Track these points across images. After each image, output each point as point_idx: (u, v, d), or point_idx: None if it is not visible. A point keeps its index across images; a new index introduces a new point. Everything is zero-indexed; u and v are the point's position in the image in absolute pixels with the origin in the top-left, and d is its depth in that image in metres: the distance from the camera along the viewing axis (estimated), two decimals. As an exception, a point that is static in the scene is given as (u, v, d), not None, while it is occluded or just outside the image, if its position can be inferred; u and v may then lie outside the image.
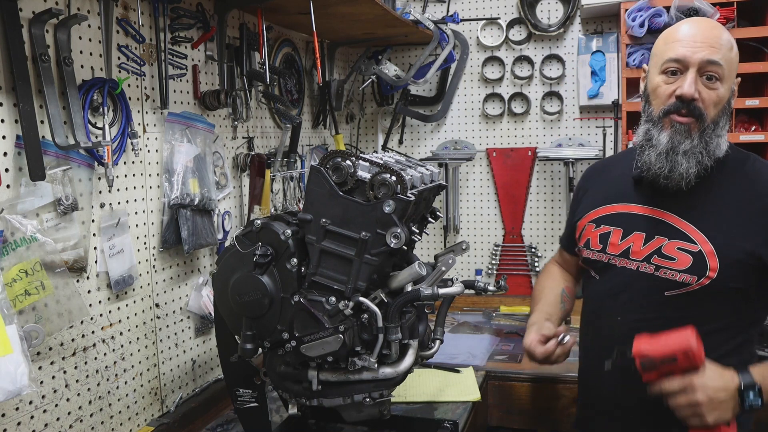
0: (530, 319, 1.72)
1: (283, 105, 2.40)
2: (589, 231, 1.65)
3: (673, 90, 1.47)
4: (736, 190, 1.50)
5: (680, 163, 1.46)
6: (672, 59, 1.47)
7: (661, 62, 1.49)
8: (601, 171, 1.79)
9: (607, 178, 1.72)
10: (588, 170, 1.84)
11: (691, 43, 1.46)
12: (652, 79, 1.53)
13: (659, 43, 1.54)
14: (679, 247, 1.49)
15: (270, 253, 1.41)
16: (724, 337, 1.50)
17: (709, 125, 1.47)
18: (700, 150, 1.46)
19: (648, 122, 1.53)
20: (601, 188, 1.70)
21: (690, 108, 1.45)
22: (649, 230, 1.54)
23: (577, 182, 1.85)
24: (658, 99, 1.50)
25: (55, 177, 1.40)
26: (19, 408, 1.36)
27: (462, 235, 3.12)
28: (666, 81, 1.49)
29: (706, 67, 1.45)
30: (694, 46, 1.45)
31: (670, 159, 1.46)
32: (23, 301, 1.30)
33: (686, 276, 1.47)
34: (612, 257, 1.59)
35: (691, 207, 1.50)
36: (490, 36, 3.00)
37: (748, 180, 1.51)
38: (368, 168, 1.40)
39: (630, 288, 1.55)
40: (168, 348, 1.83)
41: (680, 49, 1.46)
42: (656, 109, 1.51)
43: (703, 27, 1.50)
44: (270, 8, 2.14)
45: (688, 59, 1.45)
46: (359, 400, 1.45)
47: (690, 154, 1.46)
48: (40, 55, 1.36)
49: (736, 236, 1.46)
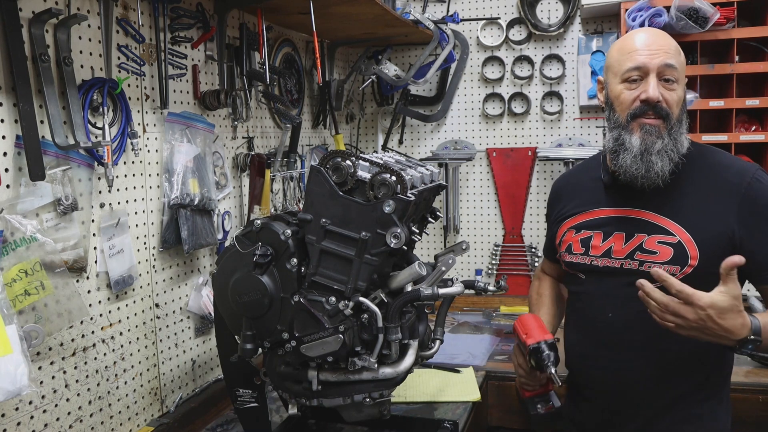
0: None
1: (283, 105, 2.40)
2: (570, 237, 1.72)
3: (636, 95, 1.55)
4: (702, 180, 1.58)
5: (655, 162, 1.52)
6: (633, 68, 1.55)
7: (621, 72, 1.58)
8: (570, 181, 1.85)
9: (579, 187, 1.78)
10: (557, 182, 1.91)
11: (647, 51, 1.54)
12: (613, 89, 1.60)
13: (614, 55, 1.62)
14: (659, 241, 1.56)
15: (270, 253, 1.41)
16: None
17: (675, 123, 1.55)
18: (671, 148, 1.54)
19: (616, 128, 1.59)
20: (575, 197, 1.76)
21: (656, 110, 1.53)
22: (628, 230, 1.61)
23: (549, 195, 1.91)
24: (622, 105, 1.58)
25: (54, 177, 1.40)
26: (18, 408, 1.36)
27: (462, 235, 3.12)
28: (628, 88, 1.57)
29: (664, 71, 1.53)
30: (651, 53, 1.54)
31: (645, 160, 1.53)
32: (23, 301, 1.30)
33: (670, 267, 1.54)
34: (595, 258, 1.65)
35: (664, 202, 1.58)
36: (490, 36, 3.00)
37: (711, 169, 1.59)
38: (368, 168, 1.40)
39: (617, 285, 1.61)
40: (168, 348, 1.83)
41: (638, 57, 1.54)
42: (622, 114, 1.58)
43: (656, 35, 1.59)
44: (270, 8, 2.14)
45: (648, 65, 1.53)
46: (359, 400, 1.45)
47: (662, 153, 1.53)
48: (40, 55, 1.36)
49: (709, 221, 1.53)
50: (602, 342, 1.64)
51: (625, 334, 1.60)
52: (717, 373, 1.61)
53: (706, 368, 1.58)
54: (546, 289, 1.95)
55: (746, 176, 1.54)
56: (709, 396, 1.60)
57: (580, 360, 1.73)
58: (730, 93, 2.51)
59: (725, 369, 1.62)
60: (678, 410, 1.59)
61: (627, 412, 1.64)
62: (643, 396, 1.60)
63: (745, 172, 1.55)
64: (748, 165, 1.60)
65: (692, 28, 2.46)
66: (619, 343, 1.61)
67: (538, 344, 1.68)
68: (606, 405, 1.67)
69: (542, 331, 1.71)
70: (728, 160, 1.62)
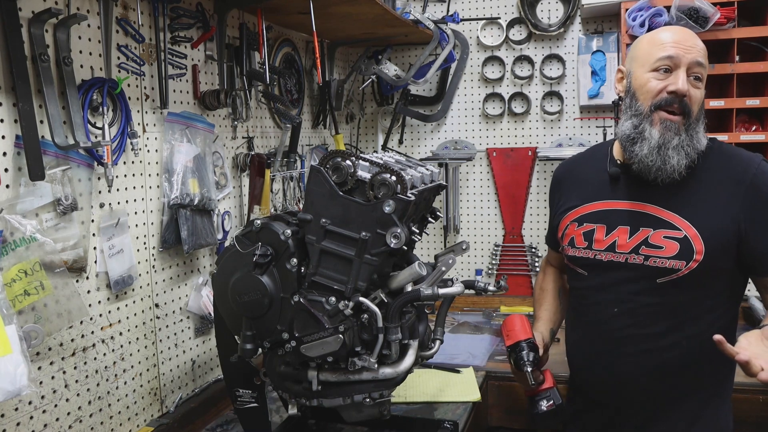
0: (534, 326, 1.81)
1: (283, 105, 2.40)
2: (572, 230, 1.70)
3: (664, 86, 1.54)
4: (710, 174, 1.58)
5: (671, 156, 1.52)
6: (665, 57, 1.55)
7: (652, 60, 1.56)
8: (572, 171, 1.82)
9: (582, 178, 1.76)
10: (558, 171, 1.88)
11: (681, 46, 1.55)
12: (639, 77, 1.59)
13: (643, 46, 1.61)
14: (665, 236, 1.55)
15: (270, 253, 1.41)
16: (716, 315, 1.58)
17: (693, 121, 1.55)
18: (687, 143, 1.54)
19: (636, 116, 1.58)
20: (577, 188, 1.74)
21: (681, 104, 1.53)
22: (632, 223, 1.60)
23: (550, 184, 1.89)
24: (646, 94, 1.56)
25: (54, 177, 1.40)
26: (18, 408, 1.36)
27: (462, 235, 3.12)
28: (657, 77, 1.56)
29: (694, 68, 1.54)
30: (684, 48, 1.54)
31: (662, 153, 1.53)
32: (23, 301, 1.30)
33: (676, 262, 1.53)
34: (598, 252, 1.64)
35: (669, 196, 1.57)
36: (490, 36, 3.00)
37: (718, 162, 1.59)
38: (368, 168, 1.40)
39: (621, 280, 1.60)
40: (168, 348, 1.83)
41: (672, 49, 1.54)
42: (645, 104, 1.57)
43: (689, 33, 1.60)
44: (270, 8, 2.13)
45: (681, 58, 1.53)
46: (359, 401, 1.45)
47: (679, 148, 1.53)
48: (40, 54, 1.36)
49: (715, 216, 1.53)
50: (605, 338, 1.64)
51: (628, 329, 1.59)
52: (718, 372, 1.61)
53: (708, 367, 1.58)
54: (549, 283, 1.93)
55: (752, 166, 1.55)
56: (710, 395, 1.60)
57: (582, 358, 1.72)
58: (730, 93, 2.51)
59: (726, 368, 1.62)
60: (679, 409, 1.59)
61: (628, 411, 1.64)
62: (644, 394, 1.60)
63: (751, 162, 1.57)
64: (753, 155, 1.60)
65: (693, 28, 2.45)
66: (622, 339, 1.60)
67: (516, 344, 1.67)
68: (607, 403, 1.67)
69: (523, 331, 1.70)
70: (735, 153, 1.63)
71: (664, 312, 1.56)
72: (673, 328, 1.56)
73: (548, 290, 1.92)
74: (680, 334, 1.56)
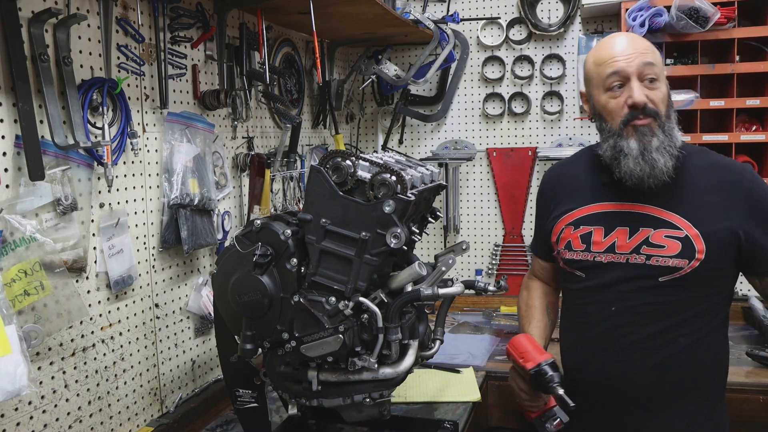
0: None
1: (283, 105, 2.40)
2: (569, 233, 1.69)
3: (623, 101, 1.56)
4: (702, 177, 1.60)
5: (657, 159, 1.53)
6: (612, 73, 1.56)
7: (602, 81, 1.59)
8: (562, 175, 1.81)
9: (573, 182, 1.75)
10: (547, 176, 1.87)
11: (623, 56, 1.55)
12: (598, 99, 1.61)
13: (590, 67, 1.63)
14: (667, 235, 1.56)
15: (270, 253, 1.41)
16: (713, 314, 1.59)
17: (665, 120, 1.56)
18: (668, 143, 1.55)
19: (611, 137, 1.59)
20: (570, 192, 1.74)
21: (645, 112, 1.54)
22: (631, 224, 1.61)
23: (539, 189, 1.88)
24: (611, 115, 1.59)
25: (54, 177, 1.40)
26: (18, 408, 1.35)
27: (462, 235, 3.11)
28: (613, 96, 1.58)
29: (644, 71, 1.54)
30: (626, 57, 1.55)
31: (647, 159, 1.53)
32: (22, 302, 1.30)
33: (678, 261, 1.54)
34: (597, 254, 1.63)
35: (666, 197, 1.58)
36: (490, 36, 3.00)
37: (709, 167, 1.61)
38: (368, 168, 1.40)
39: (622, 280, 1.60)
40: (168, 348, 1.83)
41: (616, 63, 1.55)
42: (614, 123, 1.58)
43: (627, 39, 1.61)
44: (270, 8, 2.13)
45: (626, 69, 1.54)
46: (359, 401, 1.45)
47: (661, 149, 1.54)
48: (40, 54, 1.36)
49: (714, 216, 1.55)
50: (602, 338, 1.63)
51: (625, 328, 1.59)
52: (714, 370, 1.61)
53: (703, 365, 1.59)
54: (536, 299, 1.89)
55: (746, 175, 1.59)
56: (707, 393, 1.60)
57: (579, 358, 1.72)
58: (730, 93, 2.51)
59: (722, 366, 1.63)
60: (676, 408, 1.59)
61: (625, 410, 1.63)
62: (641, 392, 1.60)
63: (744, 171, 1.60)
64: (743, 164, 1.65)
65: (693, 28, 2.46)
66: (620, 337, 1.60)
67: (538, 367, 1.61)
68: (604, 402, 1.66)
69: (539, 352, 1.65)
70: (724, 160, 1.66)
71: (662, 311, 1.57)
72: (670, 326, 1.56)
73: (536, 306, 1.88)
74: (677, 333, 1.56)
